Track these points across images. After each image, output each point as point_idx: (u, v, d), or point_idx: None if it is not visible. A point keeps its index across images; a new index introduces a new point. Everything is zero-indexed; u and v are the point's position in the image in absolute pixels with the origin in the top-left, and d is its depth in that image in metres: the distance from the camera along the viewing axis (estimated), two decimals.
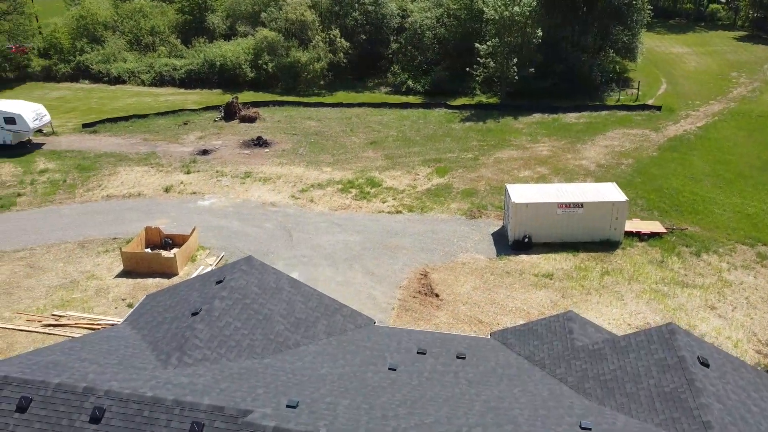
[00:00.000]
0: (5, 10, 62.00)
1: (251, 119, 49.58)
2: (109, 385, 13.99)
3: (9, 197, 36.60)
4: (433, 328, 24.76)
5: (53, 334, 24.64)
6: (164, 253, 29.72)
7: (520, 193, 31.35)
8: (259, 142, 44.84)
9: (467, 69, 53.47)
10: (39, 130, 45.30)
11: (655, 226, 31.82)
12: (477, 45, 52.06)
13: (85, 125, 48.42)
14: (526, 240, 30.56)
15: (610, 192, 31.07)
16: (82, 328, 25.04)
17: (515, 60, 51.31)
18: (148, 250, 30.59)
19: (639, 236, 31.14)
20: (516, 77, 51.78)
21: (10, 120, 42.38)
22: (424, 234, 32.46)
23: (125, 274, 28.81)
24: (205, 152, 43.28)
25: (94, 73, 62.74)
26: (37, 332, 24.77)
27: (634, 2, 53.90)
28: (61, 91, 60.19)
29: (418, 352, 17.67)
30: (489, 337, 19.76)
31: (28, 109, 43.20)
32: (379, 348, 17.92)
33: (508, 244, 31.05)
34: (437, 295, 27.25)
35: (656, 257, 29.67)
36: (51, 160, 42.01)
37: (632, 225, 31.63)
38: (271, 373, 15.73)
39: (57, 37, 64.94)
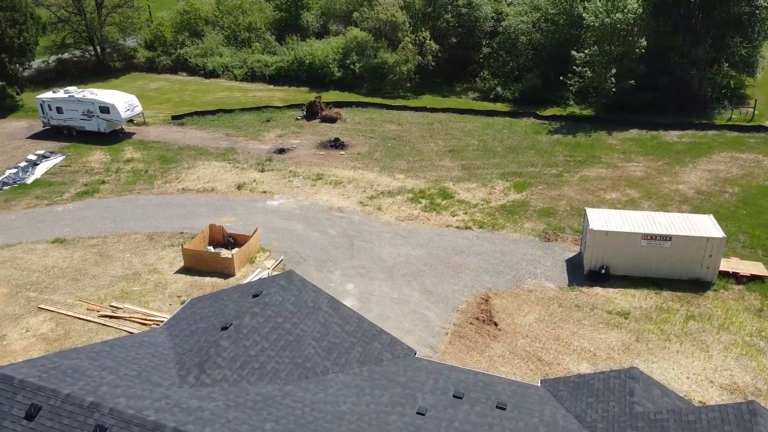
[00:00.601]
0: (117, 3, 65.59)
1: (332, 119, 49.26)
2: (116, 402, 13.49)
3: (94, 184, 38.23)
4: (486, 361, 22.93)
5: (107, 326, 25.08)
6: (223, 254, 29.69)
7: (601, 218, 28.62)
8: (336, 144, 44.35)
9: (561, 78, 50.34)
10: (130, 120, 47.28)
11: (757, 268, 28.01)
12: (574, 53, 48.84)
13: (174, 117, 50.09)
14: (603, 271, 27.83)
15: (706, 226, 27.65)
16: (134, 322, 25.33)
17: (614, 70, 47.67)
18: (210, 248, 30.73)
19: (736, 278, 27.51)
20: (614, 89, 48.11)
21: (105, 109, 44.43)
22: (491, 254, 30.47)
23: (185, 270, 29.00)
24: (281, 151, 43.34)
25: (192, 66, 65.06)
26: (93, 322, 25.31)
27: (757, 11, 48.49)
28: (160, 82, 62.89)
29: (454, 396, 16.01)
30: (539, 384, 17.72)
31: (121, 100, 45.13)
32: (413, 386, 16.43)
33: (583, 274, 28.45)
34: (496, 324, 25.28)
35: (754, 304, 26.04)
36: (138, 150, 43.64)
37: (729, 264, 28.02)
38: (287, 405, 14.71)
39: (162, 31, 67.96)
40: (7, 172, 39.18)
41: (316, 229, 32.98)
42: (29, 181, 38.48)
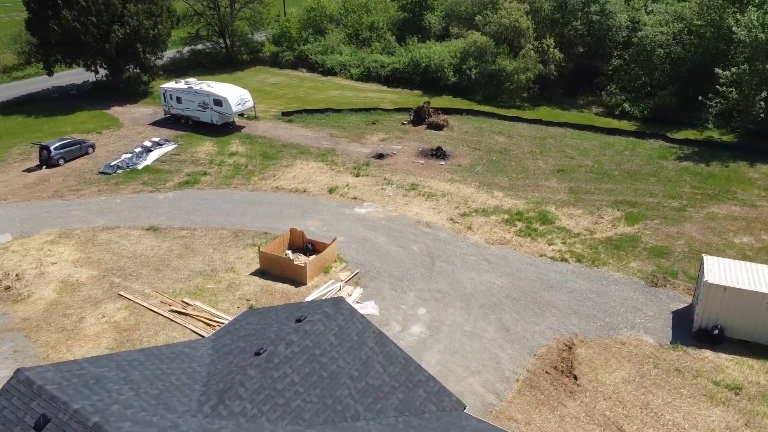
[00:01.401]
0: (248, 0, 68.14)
1: (438, 126, 47.43)
2: (119, 427, 12.80)
3: (196, 175, 39.41)
4: (556, 421, 20.18)
5: (174, 321, 25.26)
6: (297, 260, 29.06)
7: (722, 269, 24.45)
8: (437, 153, 42.48)
9: (700, 97, 44.69)
10: (241, 114, 48.51)
11: None
12: (719, 70, 43.13)
13: (284, 113, 50.79)
14: (716, 332, 23.75)
15: None
16: (200, 320, 25.31)
17: (765, 93, 41.50)
18: (289, 252, 30.27)
19: None
20: (762, 114, 41.94)
21: (218, 102, 45.87)
22: (585, 293, 27.24)
23: (259, 273, 28.71)
24: (380, 156, 42.26)
25: (312, 62, 66.09)
26: (162, 315, 25.63)
27: None
28: (280, 77, 64.44)
29: None
30: None
31: (234, 94, 46.37)
32: None
33: (691, 332, 24.50)
34: (576, 378, 22.32)
35: None
36: (243, 144, 44.58)
37: None
38: None
39: (288, 27, 69.68)
40: (123, 156, 41.49)
41: (399, 243, 31.45)
42: (140, 166, 40.48)
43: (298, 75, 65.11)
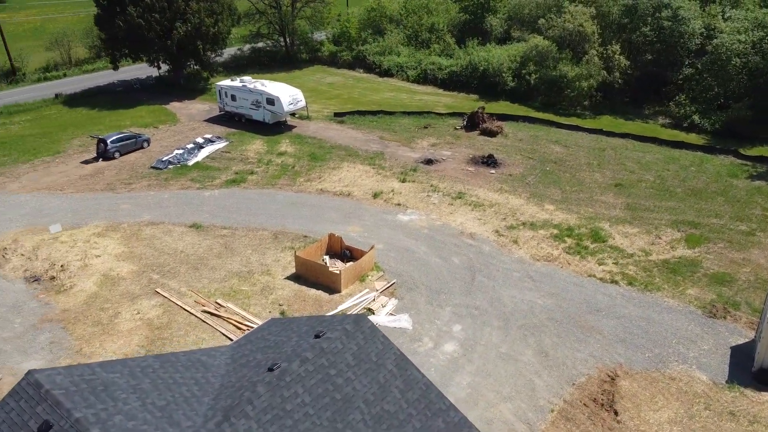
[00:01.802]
0: None
1: (492, 133, 45.94)
2: None
3: (243, 173, 39.55)
4: None
5: (206, 323, 25.15)
6: (333, 267, 28.49)
7: None
8: (488, 161, 41.07)
9: None
10: (293, 114, 48.50)
11: None
12: None
13: (336, 114, 50.49)
14: None
15: None
16: (231, 323, 25.11)
17: None
18: (326, 258, 29.76)
19: None
20: None
21: (271, 101, 45.99)
22: (634, 320, 25.43)
23: (295, 277, 28.31)
24: (429, 162, 41.23)
25: (369, 63, 65.65)
26: (195, 316, 25.58)
27: None
28: (336, 77, 64.32)
29: None
30: None
31: (286, 93, 46.38)
32: None
33: (751, 371, 22.39)
34: (616, 414, 20.74)
35: None
36: (292, 144, 44.50)
37: None
38: None
39: (348, 27, 69.52)
40: (175, 152, 42.15)
41: (440, 254, 30.39)
42: (191, 162, 41.00)
43: (355, 75, 64.80)
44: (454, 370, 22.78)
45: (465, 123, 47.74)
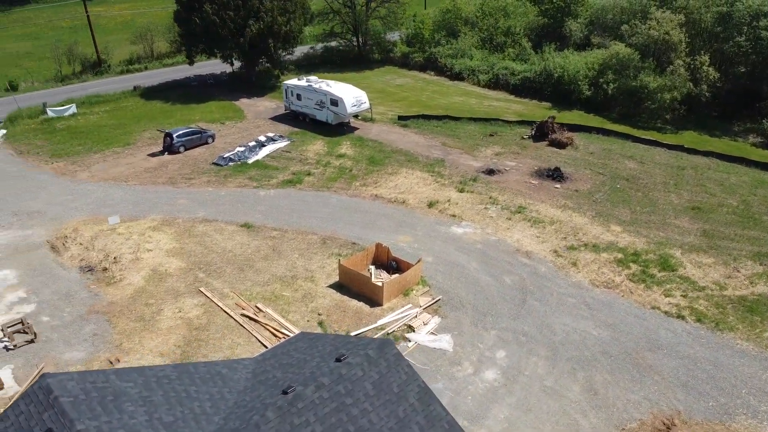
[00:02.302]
0: None
1: (561, 144, 43.63)
2: None
3: (301, 174, 39.33)
4: None
5: (243, 327, 24.88)
6: (378, 278, 27.60)
7: None
8: (554, 174, 38.93)
9: None
10: (356, 115, 47.97)
11: None
12: None
13: (400, 117, 49.56)
14: None
15: None
16: (268, 330, 24.71)
17: None
18: (372, 268, 28.91)
19: None
20: None
21: (335, 102, 45.63)
22: (699, 363, 23.07)
23: (338, 286, 27.62)
24: (491, 172, 39.56)
25: (441, 65, 64.24)
26: (233, 318, 25.37)
27: None
28: (406, 78, 63.38)
29: None
30: None
31: (350, 95, 45.88)
32: None
33: None
34: None
35: None
36: (353, 147, 43.94)
37: None
38: None
39: (421, 28, 68.39)
40: (237, 149, 42.55)
41: (491, 272, 28.87)
42: (251, 160, 41.23)
43: (425, 78, 63.61)
44: (493, 400, 21.36)
45: (533, 132, 45.63)
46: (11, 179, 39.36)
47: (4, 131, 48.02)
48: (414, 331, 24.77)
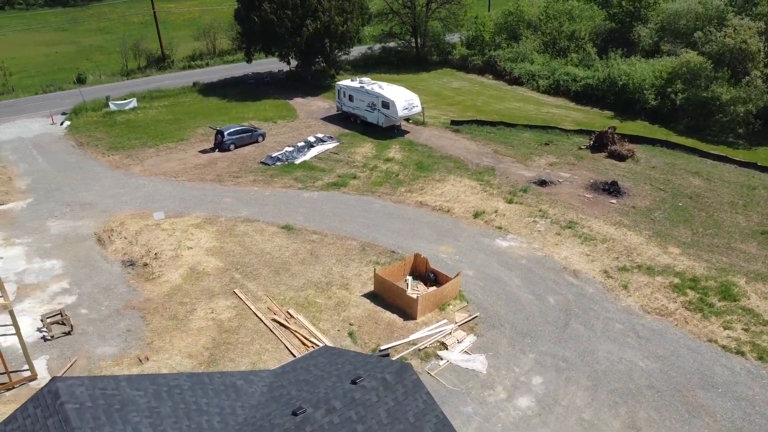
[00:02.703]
0: None
1: (621, 156, 41.38)
2: None
3: (347, 177, 38.81)
4: None
5: (272, 332, 24.50)
6: (414, 289, 26.69)
7: None
8: (611, 189, 36.89)
9: None
10: (407, 119, 47.08)
11: None
12: None
13: (453, 122, 48.36)
14: None
15: None
16: (297, 337, 24.23)
17: None
18: (409, 279, 28.02)
19: None
20: None
21: (386, 105, 44.93)
22: (759, 406, 21.03)
23: (372, 296, 26.88)
24: (543, 183, 37.89)
25: (500, 69, 62.54)
26: (263, 323, 25.04)
27: None
28: (463, 82, 62.01)
29: None
30: None
31: (402, 98, 45.04)
32: None
33: None
34: None
35: None
36: (402, 151, 43.10)
37: None
38: None
39: (482, 30, 66.84)
40: (285, 149, 42.49)
41: (534, 290, 27.44)
42: (298, 161, 41.06)
43: (483, 81, 62.06)
44: (525, 430, 20.10)
45: (591, 143, 43.51)
46: (69, 170, 40.66)
47: (69, 122, 49.83)
48: (447, 348, 23.74)
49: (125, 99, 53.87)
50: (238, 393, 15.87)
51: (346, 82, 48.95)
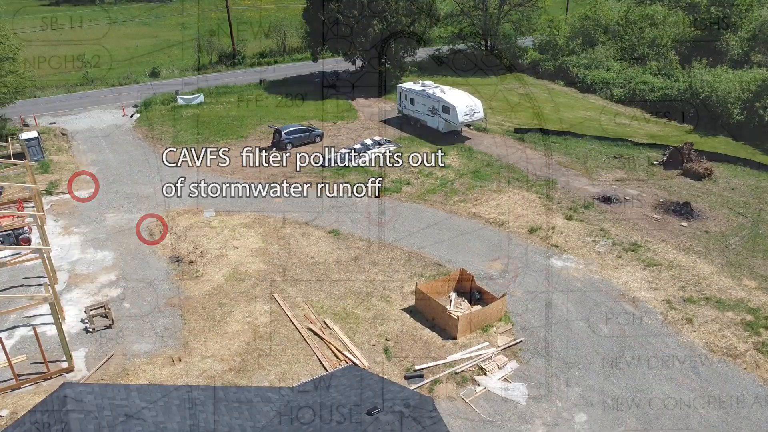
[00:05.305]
0: (519, 2, 64.23)
1: (697, 175, 38.35)
2: None
3: (399, 183, 37.85)
4: None
5: (306, 342, 23.89)
6: (457, 307, 25.41)
7: None
8: (682, 210, 34.17)
9: None
10: (468, 125, 45.57)
11: None
12: None
13: (516, 130, 46.44)
14: None
15: None
16: (330, 349, 23.50)
17: None
18: (453, 295, 26.76)
19: None
20: None
21: (447, 109, 43.63)
22: None
23: (413, 310, 25.82)
24: (607, 200, 35.58)
25: (572, 76, 59.86)
26: (298, 331, 24.48)
27: None
28: (533, 87, 59.69)
29: None
30: None
31: (463, 103, 43.60)
32: None
33: None
34: None
35: None
36: (460, 158, 41.69)
37: None
38: None
39: (556, 35, 64.22)
40: (342, 150, 41.96)
41: (588, 317, 25.56)
42: (353, 163, 40.42)
43: (553, 88, 59.54)
44: None
45: (665, 158, 40.59)
46: (133, 162, 41.76)
47: (138, 115, 51.37)
48: (486, 374, 22.38)
49: (193, 94, 55.06)
50: (252, 411, 15.26)
51: (408, 85, 47.96)
